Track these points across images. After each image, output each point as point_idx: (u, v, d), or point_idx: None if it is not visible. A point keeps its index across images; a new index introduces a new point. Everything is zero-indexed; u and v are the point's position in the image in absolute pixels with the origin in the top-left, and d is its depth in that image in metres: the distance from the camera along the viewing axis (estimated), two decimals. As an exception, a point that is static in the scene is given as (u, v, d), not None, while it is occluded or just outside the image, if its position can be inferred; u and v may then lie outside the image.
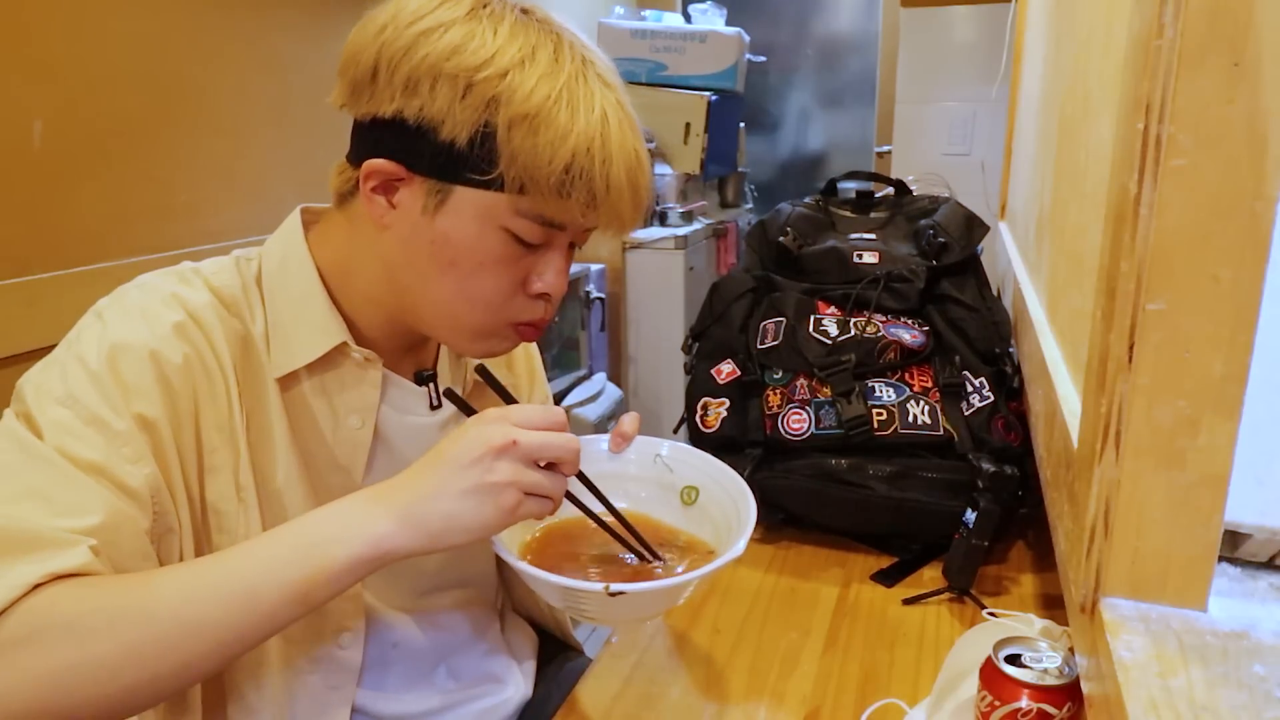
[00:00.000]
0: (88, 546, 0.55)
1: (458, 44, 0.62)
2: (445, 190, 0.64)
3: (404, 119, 0.63)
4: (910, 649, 0.85)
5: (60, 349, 0.63)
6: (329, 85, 0.69)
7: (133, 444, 0.60)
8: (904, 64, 2.38)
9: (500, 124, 0.61)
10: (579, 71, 0.64)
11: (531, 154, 0.62)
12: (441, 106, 0.62)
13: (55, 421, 0.59)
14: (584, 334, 2.47)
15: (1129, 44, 0.46)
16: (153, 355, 0.63)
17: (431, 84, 0.62)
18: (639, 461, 0.77)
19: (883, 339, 1.00)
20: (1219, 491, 0.43)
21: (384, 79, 0.63)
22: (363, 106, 0.65)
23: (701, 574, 0.62)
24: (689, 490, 0.76)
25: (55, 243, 1.20)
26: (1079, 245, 0.70)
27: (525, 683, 0.90)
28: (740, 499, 0.72)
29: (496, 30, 0.63)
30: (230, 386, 0.67)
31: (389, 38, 0.63)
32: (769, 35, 3.34)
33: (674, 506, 0.76)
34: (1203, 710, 0.38)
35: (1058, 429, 0.65)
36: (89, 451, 0.58)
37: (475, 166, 0.63)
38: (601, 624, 0.69)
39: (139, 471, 0.60)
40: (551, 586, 0.61)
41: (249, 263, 0.72)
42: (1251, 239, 0.39)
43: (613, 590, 0.59)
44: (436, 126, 0.62)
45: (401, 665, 0.80)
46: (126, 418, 0.60)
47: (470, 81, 0.61)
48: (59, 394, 0.60)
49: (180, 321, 0.65)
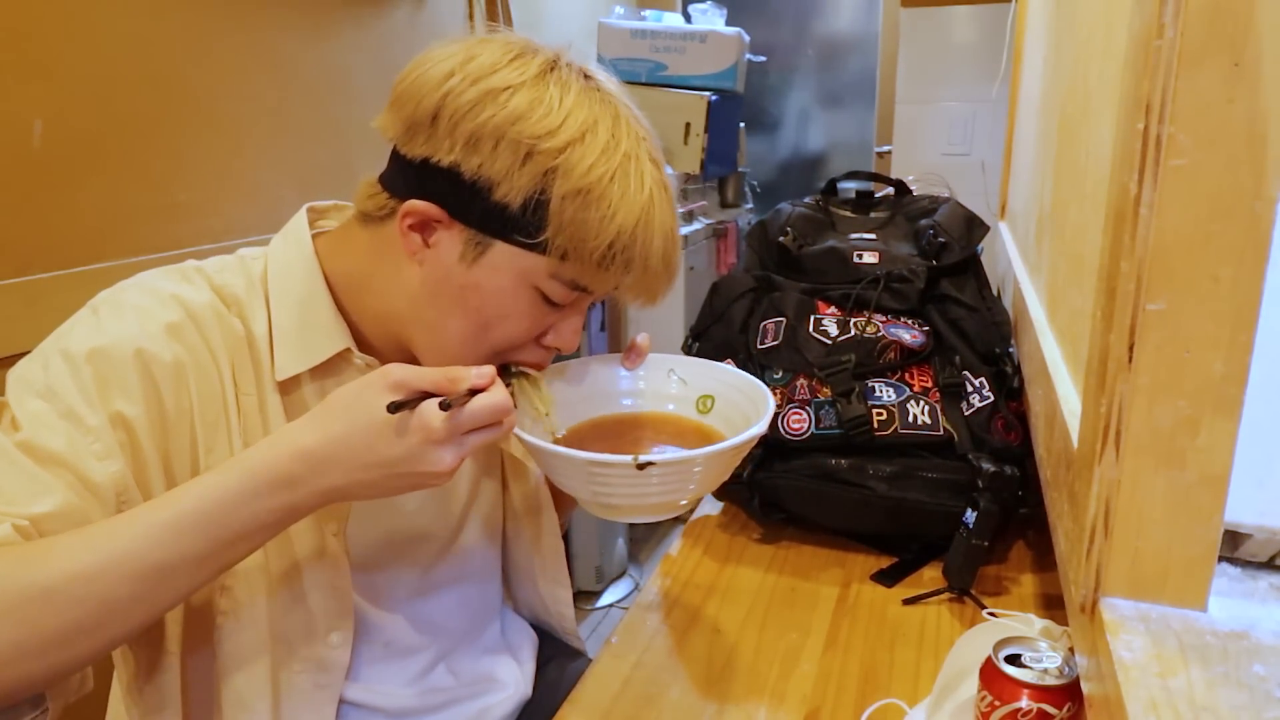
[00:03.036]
0: (11, 525, 0.55)
1: (524, 111, 0.62)
2: (486, 244, 0.65)
3: (460, 173, 0.64)
4: (910, 649, 0.85)
5: (51, 339, 0.64)
6: (329, 85, 0.69)
7: (103, 440, 0.61)
8: (904, 64, 2.38)
9: (554, 195, 0.63)
10: (634, 150, 0.65)
11: (581, 227, 0.63)
12: (500, 169, 0.63)
13: (32, 413, 0.60)
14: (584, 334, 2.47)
15: (1129, 44, 0.46)
16: (138, 354, 0.63)
17: (494, 145, 0.63)
18: (652, 377, 0.78)
19: (883, 339, 1.00)
20: (1219, 491, 0.43)
21: (444, 128, 0.63)
22: (417, 148, 0.65)
23: (732, 444, 0.63)
24: (704, 399, 0.77)
25: (55, 243, 1.20)
26: (1079, 245, 0.69)
27: (525, 682, 0.90)
28: (757, 395, 0.73)
29: (562, 100, 0.63)
30: (226, 388, 0.67)
31: (455, 87, 0.63)
32: (769, 35, 3.34)
33: (692, 417, 0.77)
34: (1203, 710, 0.38)
35: (1058, 429, 0.65)
36: (55, 442, 0.59)
37: (523, 229, 0.64)
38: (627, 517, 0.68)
39: (105, 468, 0.60)
40: (577, 464, 0.62)
41: (254, 261, 0.72)
42: (1251, 239, 0.39)
43: (641, 462, 0.59)
44: (492, 187, 0.63)
45: (396, 664, 0.80)
46: (100, 414, 0.61)
47: (531, 150, 0.62)
48: (39, 387, 0.61)
49: (175, 322, 0.65)
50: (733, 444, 0.63)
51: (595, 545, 2.39)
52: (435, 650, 0.83)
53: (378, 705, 0.79)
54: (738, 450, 0.64)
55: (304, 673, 0.73)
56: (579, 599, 2.38)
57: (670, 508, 0.67)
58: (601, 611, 2.37)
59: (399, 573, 0.80)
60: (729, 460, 0.66)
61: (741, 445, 0.64)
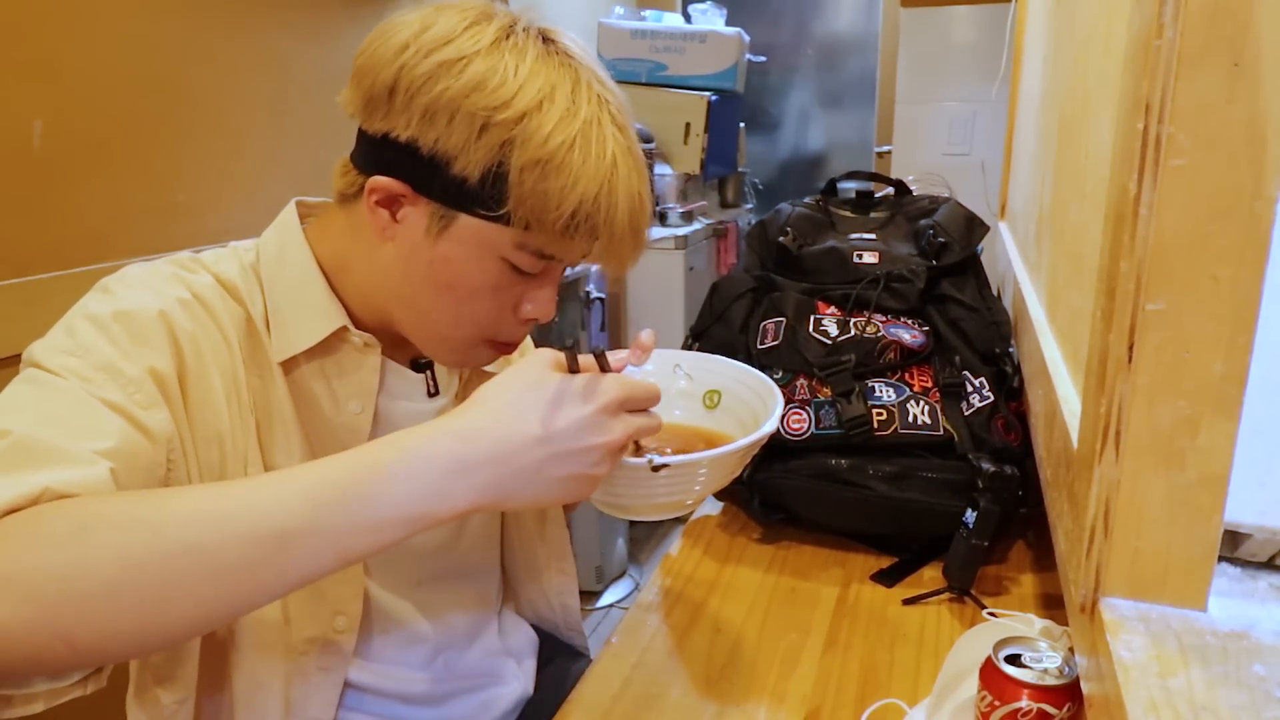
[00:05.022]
0: (108, 468, 0.53)
1: (478, 81, 0.61)
2: (450, 217, 0.65)
3: (417, 147, 0.63)
4: (910, 649, 0.85)
5: (66, 317, 0.63)
6: (328, 85, 0.69)
7: (144, 390, 0.59)
8: (904, 64, 2.38)
9: (513, 167, 0.62)
10: (594, 115, 0.64)
11: (541, 198, 0.62)
12: (457, 143, 0.62)
13: (67, 367, 0.58)
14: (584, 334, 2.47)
15: (1129, 44, 0.46)
16: (161, 315, 0.63)
17: (449, 119, 0.62)
18: (658, 373, 0.78)
19: (883, 339, 1.00)
20: (1219, 491, 0.43)
21: (401, 102, 0.63)
22: (376, 123, 0.65)
23: (744, 444, 0.62)
24: (711, 394, 0.77)
25: (55, 243, 1.20)
26: (1079, 245, 0.69)
27: (525, 680, 0.90)
28: (764, 391, 0.72)
29: (518, 68, 0.62)
30: (237, 362, 0.68)
31: (410, 60, 0.62)
32: (769, 35, 3.34)
33: (698, 413, 0.76)
34: (1203, 710, 0.38)
35: (1058, 429, 0.65)
36: (103, 391, 0.57)
37: (484, 202, 0.63)
38: (634, 515, 0.68)
39: (153, 415, 0.59)
40: None
41: (246, 252, 0.73)
42: (1251, 239, 0.39)
43: (656, 464, 0.59)
44: (450, 160, 0.63)
45: (400, 651, 0.81)
46: (138, 366, 0.60)
47: (487, 122, 0.61)
48: (67, 347, 0.59)
49: (186, 299, 0.66)
50: (744, 444, 0.63)
51: (595, 545, 2.39)
52: (435, 643, 0.83)
53: (381, 688, 0.79)
54: (748, 449, 0.64)
55: (309, 654, 0.73)
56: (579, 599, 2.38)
57: (677, 506, 0.67)
58: (601, 611, 2.37)
59: (405, 559, 0.80)
60: (739, 459, 0.65)
61: (752, 445, 0.64)
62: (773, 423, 0.65)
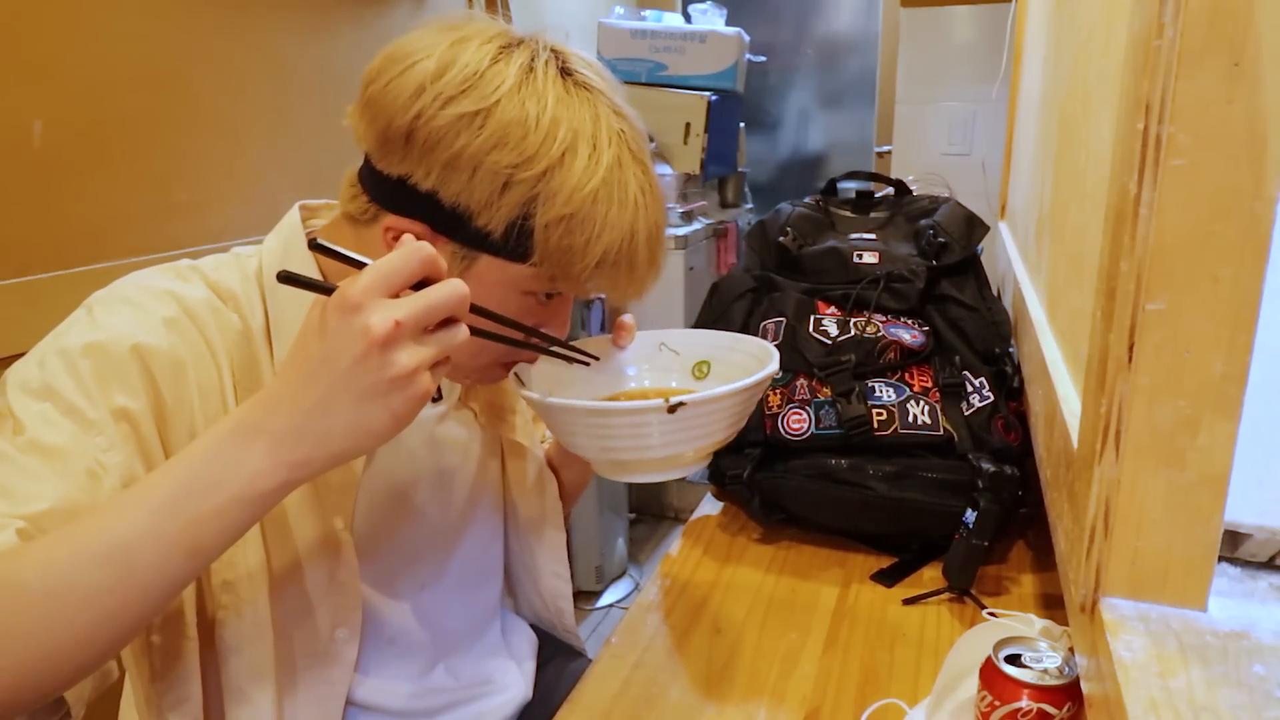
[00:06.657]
0: (15, 530, 0.53)
1: (500, 137, 0.60)
2: (473, 257, 0.64)
3: (439, 199, 0.62)
4: (910, 649, 0.85)
5: (45, 340, 0.63)
6: (329, 85, 0.69)
7: (106, 433, 0.60)
8: (904, 64, 2.38)
9: (538, 224, 0.62)
10: (616, 158, 0.63)
11: (566, 251, 0.62)
12: (480, 199, 0.61)
13: (32, 413, 0.58)
14: (584, 334, 2.47)
15: (1129, 44, 0.46)
16: (135, 349, 0.62)
17: (471, 174, 0.61)
18: (644, 353, 0.78)
19: (883, 339, 1.00)
20: (1219, 491, 0.43)
21: (419, 151, 0.61)
22: (393, 165, 0.63)
23: (754, 380, 0.62)
24: (700, 365, 0.77)
25: (55, 243, 1.20)
26: (1079, 245, 0.69)
27: (525, 684, 0.90)
28: (754, 349, 0.73)
29: (539, 117, 0.61)
30: (225, 381, 0.67)
31: (427, 109, 0.60)
32: (769, 35, 3.34)
33: (689, 384, 0.77)
34: (1203, 710, 0.38)
35: (1058, 429, 0.65)
36: (57, 437, 0.58)
37: (508, 253, 0.63)
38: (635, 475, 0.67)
39: (109, 459, 0.59)
40: (614, 411, 0.61)
41: (249, 259, 0.72)
42: (1251, 239, 0.39)
43: (672, 404, 0.58)
44: (472, 214, 0.62)
45: (399, 661, 0.80)
46: (101, 408, 0.60)
47: (510, 179, 0.61)
48: (36, 386, 0.60)
49: (172, 316, 0.65)
50: (755, 380, 0.63)
51: (595, 545, 2.39)
52: (435, 650, 0.83)
53: (381, 705, 0.79)
54: (752, 392, 0.64)
55: (311, 668, 0.73)
56: (579, 599, 2.38)
57: (679, 462, 0.65)
58: (601, 611, 2.37)
59: (405, 566, 0.80)
60: (751, 396, 0.65)
61: (756, 385, 0.64)
62: (774, 364, 0.65)
